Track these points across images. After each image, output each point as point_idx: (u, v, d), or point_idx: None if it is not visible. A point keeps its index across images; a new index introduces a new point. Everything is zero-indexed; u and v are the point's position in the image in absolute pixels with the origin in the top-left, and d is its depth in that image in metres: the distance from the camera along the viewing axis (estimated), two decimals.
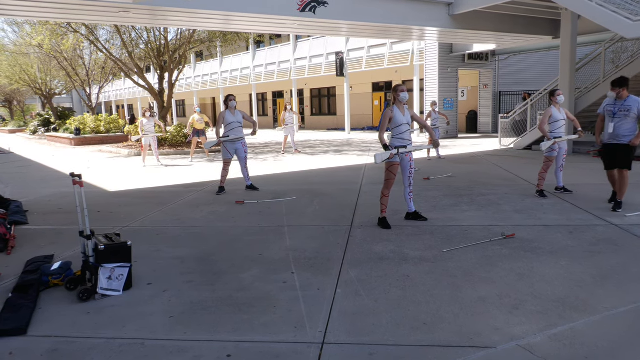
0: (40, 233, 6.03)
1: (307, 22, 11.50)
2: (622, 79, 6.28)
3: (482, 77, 21.36)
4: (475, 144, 16.85)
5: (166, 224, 6.30)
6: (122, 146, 18.63)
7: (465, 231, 5.45)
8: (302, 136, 23.15)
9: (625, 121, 6.17)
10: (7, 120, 53.61)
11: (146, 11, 9.60)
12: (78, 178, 4.00)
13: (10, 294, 3.85)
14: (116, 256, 3.87)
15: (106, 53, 20.16)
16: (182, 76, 33.64)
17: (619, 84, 6.24)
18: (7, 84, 35.94)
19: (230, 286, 4.00)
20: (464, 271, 4.17)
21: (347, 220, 6.15)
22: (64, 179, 10.81)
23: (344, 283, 3.98)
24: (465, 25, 13.37)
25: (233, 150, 8.23)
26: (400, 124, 5.59)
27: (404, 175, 5.86)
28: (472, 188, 8.14)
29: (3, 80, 34.22)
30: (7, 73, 32.32)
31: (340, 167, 11.70)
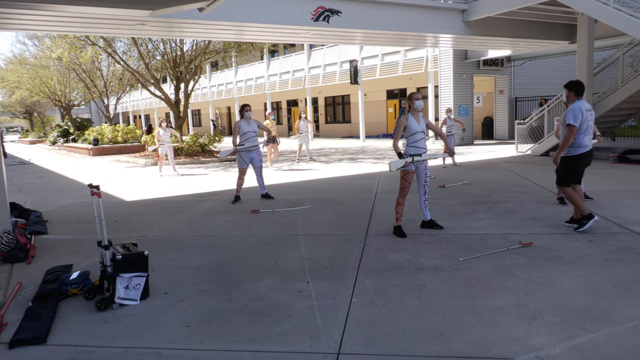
0: (59, 243, 6.13)
1: (320, 31, 11.57)
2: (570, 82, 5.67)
3: (498, 83, 21.21)
4: (491, 150, 16.71)
5: (182, 233, 6.36)
6: (139, 156, 18.88)
7: (481, 239, 5.39)
8: (316, 144, 23.20)
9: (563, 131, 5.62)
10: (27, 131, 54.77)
11: (162, 23, 9.77)
12: (96, 189, 4.07)
13: (31, 303, 3.92)
14: (133, 266, 3.92)
15: (123, 65, 20.51)
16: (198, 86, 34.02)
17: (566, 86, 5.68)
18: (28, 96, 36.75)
19: (245, 295, 4.01)
20: (481, 280, 4.12)
21: (362, 228, 6.14)
22: (83, 189, 10.98)
23: (360, 292, 3.97)
24: (480, 31, 13.33)
25: (248, 159, 8.29)
26: (415, 132, 5.58)
27: (419, 183, 5.83)
28: (488, 195, 8.06)
29: (24, 93, 34.97)
30: (27, 85, 33.04)
31: (354, 175, 11.69)
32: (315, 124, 31.10)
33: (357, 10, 11.30)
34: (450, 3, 12.94)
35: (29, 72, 32.15)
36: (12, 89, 36.04)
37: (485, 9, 12.48)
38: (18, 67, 33.13)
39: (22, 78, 32.61)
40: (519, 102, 20.97)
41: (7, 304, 3.96)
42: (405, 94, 25.72)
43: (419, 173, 5.76)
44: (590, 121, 5.56)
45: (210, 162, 16.53)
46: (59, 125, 36.85)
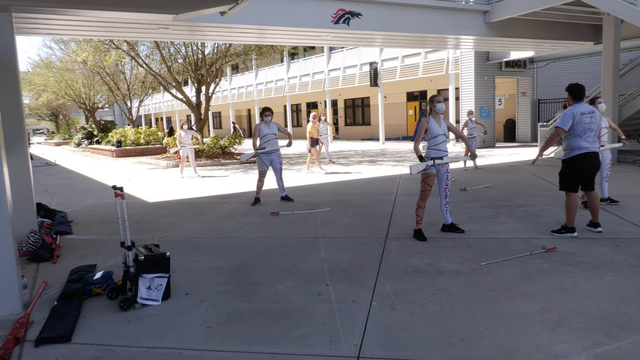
0: (83, 243, 6.25)
1: (341, 34, 11.57)
2: (569, 85, 5.56)
3: (520, 84, 20.92)
4: (514, 153, 16.47)
5: (203, 235, 6.42)
6: (161, 158, 19.15)
7: (504, 244, 5.31)
8: (336, 146, 23.19)
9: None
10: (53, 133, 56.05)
11: (184, 27, 9.89)
12: (120, 191, 4.14)
13: (56, 302, 4.00)
14: (155, 267, 3.96)
15: (146, 68, 20.85)
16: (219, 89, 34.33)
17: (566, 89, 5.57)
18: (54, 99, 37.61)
19: (265, 297, 4.03)
20: (503, 285, 4.06)
21: (381, 231, 6.11)
22: (106, 190, 11.18)
23: (380, 296, 3.95)
24: (502, 32, 13.16)
25: (268, 162, 8.33)
26: (436, 134, 5.53)
27: (440, 187, 5.78)
28: (510, 199, 7.95)
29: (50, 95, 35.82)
30: (53, 88, 33.84)
31: (374, 177, 11.64)
32: (335, 126, 31.11)
33: (377, 12, 11.27)
34: (471, 4, 12.82)
35: (55, 76, 32.93)
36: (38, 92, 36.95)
37: (507, 10, 12.32)
38: (45, 70, 33.97)
39: (49, 81, 33.42)
40: (542, 104, 20.63)
41: (33, 302, 4.05)
42: (426, 96, 25.55)
43: (440, 176, 5.71)
44: (591, 124, 5.35)
45: (231, 164, 16.67)
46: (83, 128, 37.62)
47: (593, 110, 5.43)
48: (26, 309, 3.92)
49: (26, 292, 4.30)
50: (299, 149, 22.31)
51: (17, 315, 3.80)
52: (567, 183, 5.51)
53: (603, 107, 6.88)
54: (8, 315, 3.80)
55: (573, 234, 5.48)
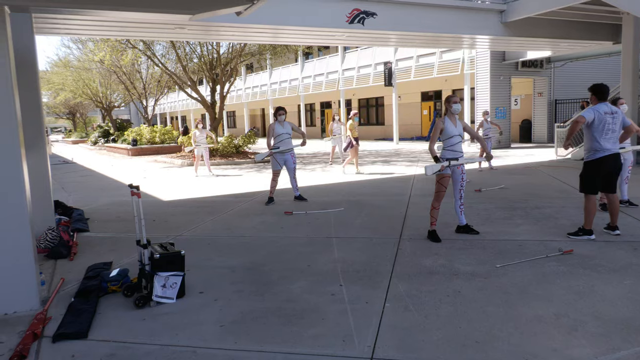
0: (99, 240, 6.33)
1: (355, 34, 11.55)
2: (594, 85, 5.46)
3: (537, 84, 20.67)
4: (529, 154, 16.29)
5: (217, 233, 6.46)
6: (176, 156, 19.31)
7: (519, 246, 5.26)
8: None
9: None
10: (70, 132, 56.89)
11: (200, 27, 9.96)
12: (136, 189, 4.19)
13: (73, 299, 4.06)
14: (170, 265, 4.00)
15: (162, 67, 21.04)
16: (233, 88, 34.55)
17: (590, 89, 5.48)
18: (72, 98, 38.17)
19: (279, 297, 4.04)
20: (519, 288, 4.02)
21: (395, 232, 6.09)
22: (122, 188, 11.31)
23: (393, 297, 3.94)
24: (519, 32, 13.01)
25: (282, 162, 8.35)
26: (452, 135, 5.50)
27: (455, 188, 5.74)
28: (526, 200, 7.86)
29: (68, 94, 36.36)
30: (71, 87, 34.35)
31: (388, 177, 11.61)
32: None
33: (392, 11, 11.23)
34: (487, 4, 12.70)
35: (72, 75, 33.41)
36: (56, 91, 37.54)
37: (524, 9, 12.18)
38: (63, 69, 34.48)
39: (67, 80, 33.93)
40: (559, 105, 20.37)
41: (51, 298, 4.11)
42: (441, 96, 25.39)
43: (455, 177, 5.67)
44: (613, 124, 5.27)
45: (245, 163, 16.74)
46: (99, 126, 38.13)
47: (616, 111, 5.35)
48: (44, 305, 3.98)
49: (44, 288, 4.38)
50: (313, 148, 22.34)
51: (35, 311, 3.87)
52: (587, 185, 5.44)
53: (625, 107, 6.77)
54: (27, 310, 3.87)
55: (590, 237, 5.41)
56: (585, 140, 5.45)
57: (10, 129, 3.82)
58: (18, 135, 3.87)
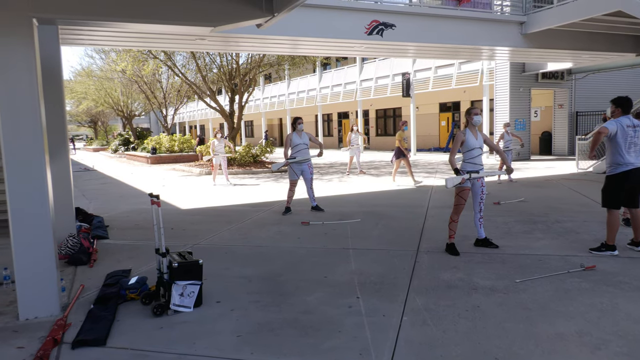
0: (119, 247, 6.41)
1: (374, 45, 11.57)
2: (618, 97, 5.42)
3: (557, 96, 20.43)
4: (550, 166, 16.06)
5: (234, 243, 6.49)
6: (194, 165, 19.50)
7: (539, 260, 5.17)
8: (367, 157, 23.14)
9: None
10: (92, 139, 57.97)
11: (220, 38, 10.09)
12: (156, 198, 4.24)
13: (92, 306, 4.11)
14: (188, 274, 4.03)
15: (182, 77, 21.37)
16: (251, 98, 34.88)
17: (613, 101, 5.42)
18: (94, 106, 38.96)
19: (295, 308, 4.03)
20: (539, 304, 3.95)
21: (413, 244, 6.04)
22: (141, 196, 11.45)
23: (411, 311, 3.90)
24: (539, 44, 12.90)
25: (299, 172, 8.37)
26: (473, 147, 5.46)
27: (474, 201, 5.68)
28: (546, 214, 7.74)
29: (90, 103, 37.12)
30: (93, 96, 35.08)
31: (405, 189, 11.54)
32: (366, 136, 31.05)
33: (411, 23, 11.23)
34: (507, 15, 12.63)
35: (95, 84, 34.14)
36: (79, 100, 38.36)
37: (545, 21, 12.08)
38: (85, 79, 35.26)
39: (89, 89, 34.67)
40: (580, 117, 20.08)
41: (70, 305, 4.17)
42: (459, 107, 25.25)
43: (475, 190, 5.62)
44: (636, 138, 5.22)
45: (262, 172, 16.83)
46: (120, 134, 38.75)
47: (639, 125, 5.26)
48: (64, 311, 4.04)
49: (64, 294, 4.44)
50: (330, 158, 22.37)
51: (56, 317, 3.92)
52: (610, 199, 5.34)
53: None
54: (47, 316, 3.93)
55: (614, 253, 5.29)
56: (607, 153, 5.37)
57: (36, 137, 3.91)
58: (43, 142, 3.95)
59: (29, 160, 3.90)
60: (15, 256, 3.90)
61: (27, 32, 3.87)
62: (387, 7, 11.07)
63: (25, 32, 3.86)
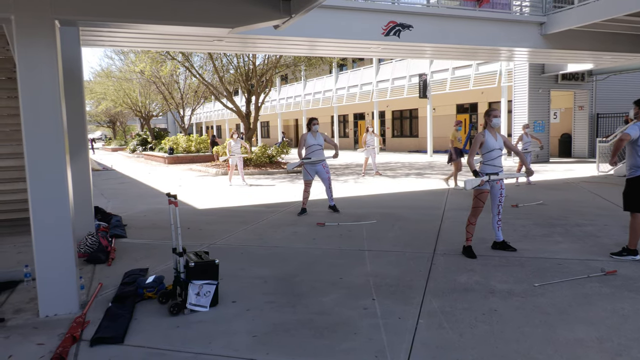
0: (136, 247, 6.48)
1: (391, 46, 11.54)
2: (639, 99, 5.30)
3: (577, 98, 20.11)
4: (569, 169, 15.82)
5: (250, 243, 6.52)
6: (211, 165, 19.64)
7: (558, 264, 5.09)
8: (382, 158, 23.06)
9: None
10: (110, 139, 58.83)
11: (238, 39, 10.16)
12: (174, 198, 4.28)
13: (110, 304, 4.16)
14: (205, 273, 4.06)
15: (199, 78, 21.55)
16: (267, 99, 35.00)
17: (636, 103, 5.32)
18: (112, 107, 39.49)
19: (310, 309, 4.03)
20: (558, 309, 3.89)
21: (429, 246, 6.00)
22: (158, 196, 11.57)
23: (427, 313, 3.87)
24: (559, 45, 12.73)
25: (313, 172, 8.37)
26: (492, 149, 5.40)
27: (493, 203, 5.62)
28: (566, 217, 7.62)
29: (109, 103, 37.64)
30: (112, 97, 35.57)
31: (422, 190, 11.47)
32: (382, 137, 30.94)
33: (428, 24, 11.18)
34: (527, 16, 12.49)
35: (114, 85, 34.61)
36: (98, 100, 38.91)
37: (565, 21, 11.91)
38: (105, 79, 35.76)
39: (108, 90, 35.16)
40: (601, 119, 19.74)
41: (89, 303, 4.23)
42: (476, 108, 25.02)
43: (493, 192, 5.56)
44: None
45: (277, 173, 16.88)
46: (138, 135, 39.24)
47: None
48: (83, 308, 4.10)
49: (83, 292, 4.51)
50: (346, 159, 22.34)
51: (75, 314, 3.99)
52: (632, 203, 5.24)
53: None
54: (66, 314, 4.00)
55: (635, 257, 5.19)
56: (627, 156, 5.27)
57: (57, 137, 3.98)
58: (64, 142, 4.02)
59: (50, 159, 3.97)
60: (36, 254, 3.98)
61: (50, 34, 3.95)
62: (404, 7, 11.04)
63: (47, 33, 3.94)
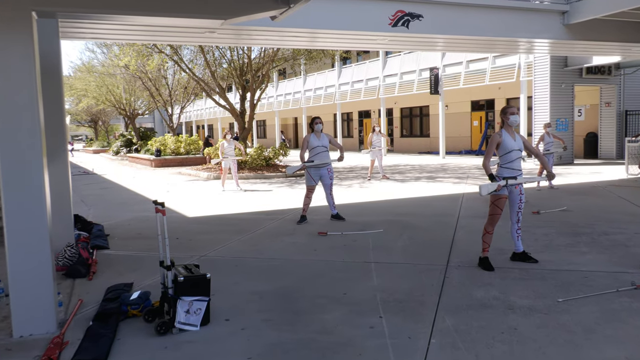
0: (120, 259, 6.48)
1: (399, 38, 11.55)
2: None
3: (604, 93, 20.13)
4: (595, 171, 15.81)
5: (244, 254, 6.52)
6: (202, 169, 19.68)
7: (584, 277, 5.08)
8: (390, 160, 23.07)
9: None
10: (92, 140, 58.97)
11: (231, 31, 10.19)
12: (161, 206, 4.28)
13: (91, 322, 4.16)
14: (195, 289, 4.05)
15: (189, 73, 21.62)
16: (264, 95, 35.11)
17: None
18: (94, 104, 39.65)
19: (312, 328, 4.03)
20: (584, 327, 3.88)
21: (442, 258, 6.00)
22: (144, 202, 11.59)
23: (439, 332, 3.86)
24: (583, 35, 12.73)
25: (317, 177, 8.37)
26: (510, 150, 5.39)
27: (511, 210, 5.61)
28: (592, 225, 7.61)
29: (90, 101, 37.79)
30: (94, 94, 35.72)
31: (433, 196, 11.47)
32: (390, 137, 30.97)
33: (440, 13, 11.18)
34: (548, 4, 12.50)
35: (96, 80, 34.76)
36: (79, 97, 39.08)
37: (590, 10, 11.91)
38: (86, 75, 35.92)
39: (89, 86, 35.32)
40: (630, 116, 19.75)
41: (68, 321, 4.22)
42: (493, 105, 25.05)
43: (512, 198, 5.54)
44: None
45: (275, 177, 16.90)
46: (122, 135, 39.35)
47: None
48: (61, 327, 4.09)
49: (61, 309, 4.50)
50: (350, 162, 22.35)
51: (52, 334, 3.98)
52: None
53: None
54: (43, 334, 3.99)
55: None
56: None
57: (34, 138, 3.98)
58: (41, 144, 4.02)
59: (26, 163, 3.97)
60: (10, 267, 3.97)
61: (26, 26, 3.95)
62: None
63: (24, 26, 3.94)
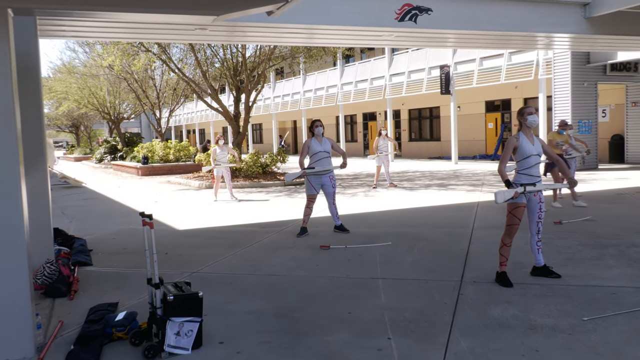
0: (104, 276, 6.48)
1: (406, 33, 11.59)
2: None
3: (630, 92, 20.16)
4: (622, 177, 15.80)
5: (240, 271, 6.51)
6: (193, 177, 19.70)
7: (612, 294, 5.08)
8: (398, 166, 23.10)
9: None
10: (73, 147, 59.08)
11: (224, 28, 10.22)
12: (148, 219, 4.28)
13: (72, 346, 4.14)
14: (186, 309, 4.04)
15: (178, 73, 21.66)
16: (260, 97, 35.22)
17: None
18: (76, 108, 39.73)
19: (314, 351, 4.01)
20: (613, 348, 3.86)
21: (455, 273, 5.99)
22: (130, 214, 11.59)
23: (453, 355, 3.85)
24: (607, 29, 12.76)
25: (319, 185, 8.37)
26: (529, 155, 5.39)
27: (530, 220, 5.61)
28: (619, 236, 7.60)
29: (72, 104, 37.86)
30: (75, 96, 35.78)
31: (445, 205, 11.47)
32: (397, 141, 31.01)
33: (451, 7, 11.22)
34: None
35: (77, 82, 34.84)
36: (59, 100, 39.17)
37: (614, 2, 11.95)
38: (67, 76, 35.99)
39: (71, 88, 35.37)
40: None
41: (47, 345, 4.21)
42: (509, 105, 25.09)
43: (531, 207, 5.54)
44: None
45: (273, 185, 16.91)
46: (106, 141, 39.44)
47: None
48: (39, 352, 4.08)
49: (40, 332, 4.49)
50: (354, 168, 22.37)
51: (30, 359, 3.96)
52: None
53: None
54: (20, 359, 3.97)
55: None
56: None
57: (10, 145, 3.98)
58: (18, 152, 4.02)
59: (1, 172, 3.97)
60: None
61: (1, 24, 3.97)
62: None
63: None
